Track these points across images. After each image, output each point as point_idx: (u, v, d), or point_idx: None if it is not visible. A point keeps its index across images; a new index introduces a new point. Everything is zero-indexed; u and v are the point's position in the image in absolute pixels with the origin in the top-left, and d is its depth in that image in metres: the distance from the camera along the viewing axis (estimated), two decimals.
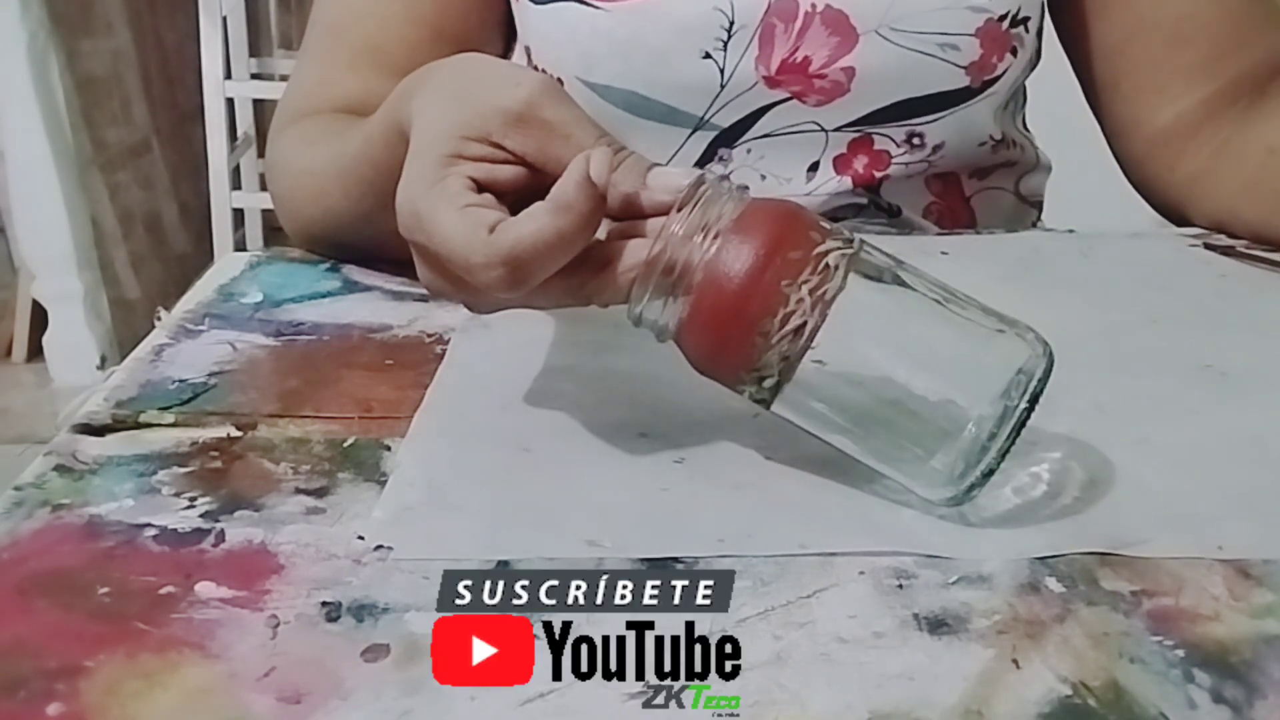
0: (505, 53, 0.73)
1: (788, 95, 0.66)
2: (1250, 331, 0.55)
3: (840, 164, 0.68)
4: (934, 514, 0.41)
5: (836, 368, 0.39)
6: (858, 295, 0.39)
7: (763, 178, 0.68)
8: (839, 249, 0.39)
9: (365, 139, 0.54)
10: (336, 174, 0.58)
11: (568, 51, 0.67)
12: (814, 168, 0.68)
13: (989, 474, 0.39)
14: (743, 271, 0.39)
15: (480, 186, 0.42)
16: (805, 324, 0.39)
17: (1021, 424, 0.39)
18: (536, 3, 0.67)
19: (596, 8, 0.65)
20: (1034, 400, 0.39)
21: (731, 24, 0.64)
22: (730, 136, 0.67)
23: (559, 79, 0.68)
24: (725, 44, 0.64)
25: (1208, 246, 0.64)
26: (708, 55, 0.64)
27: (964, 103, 0.66)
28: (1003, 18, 0.65)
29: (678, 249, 0.40)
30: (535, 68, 0.70)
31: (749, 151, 0.68)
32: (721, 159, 0.68)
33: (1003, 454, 0.39)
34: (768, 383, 0.40)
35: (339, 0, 0.69)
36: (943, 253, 0.63)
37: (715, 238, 0.39)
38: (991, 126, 0.69)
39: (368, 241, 0.60)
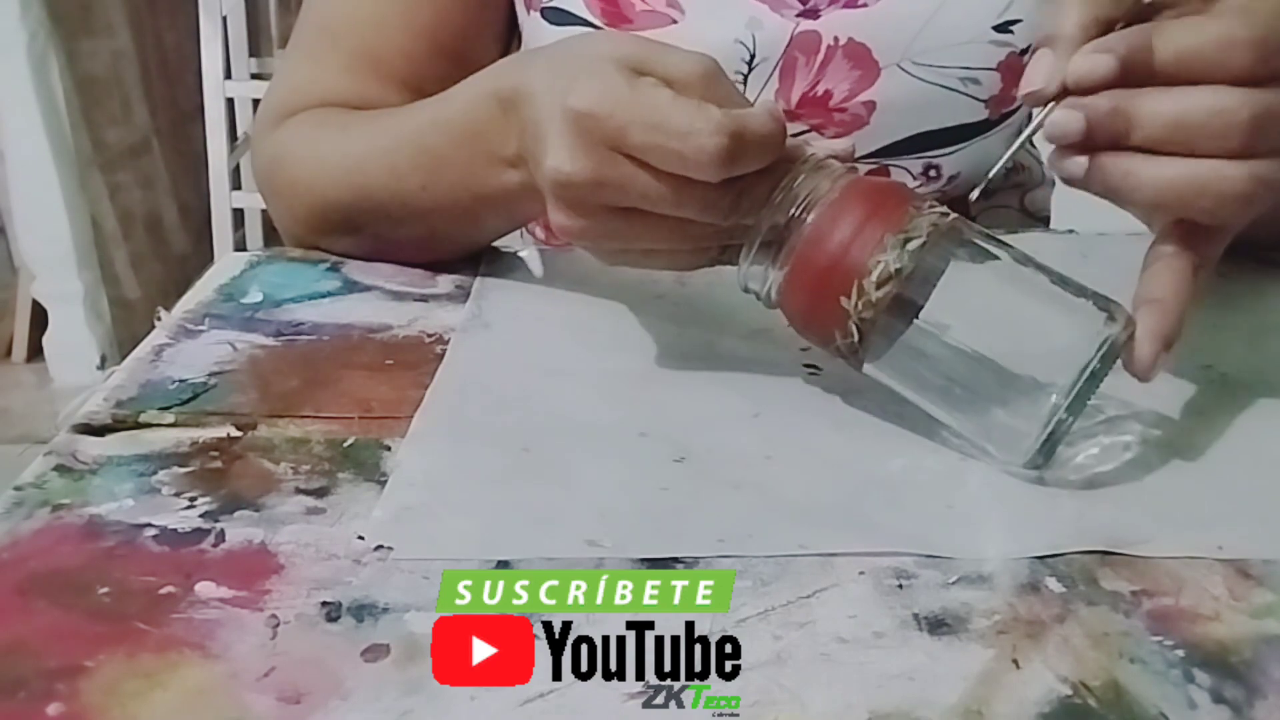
0: None
1: (806, 128, 0.66)
2: (1250, 333, 0.55)
3: None
4: (934, 514, 0.41)
5: (927, 330, 0.42)
6: (949, 264, 0.42)
7: None
8: (932, 218, 0.42)
9: (434, 117, 0.55)
10: (382, 152, 0.58)
11: None
12: None
13: (1063, 438, 0.41)
14: (836, 235, 0.42)
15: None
16: (892, 276, 0.41)
17: (1095, 388, 0.41)
18: (551, 22, 0.66)
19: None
20: (1108, 362, 0.41)
21: (753, 57, 0.64)
22: None
23: None
24: (746, 77, 0.64)
25: None
26: None
27: (981, 135, 0.66)
28: (1025, 50, 0.64)
29: (777, 218, 0.43)
30: None
31: None
32: None
33: (1076, 417, 0.41)
34: (860, 334, 0.42)
35: (333, 3, 0.68)
36: None
37: (811, 208, 0.43)
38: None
39: (395, 224, 0.59)
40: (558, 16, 0.66)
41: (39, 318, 2.19)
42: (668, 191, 0.43)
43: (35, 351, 2.21)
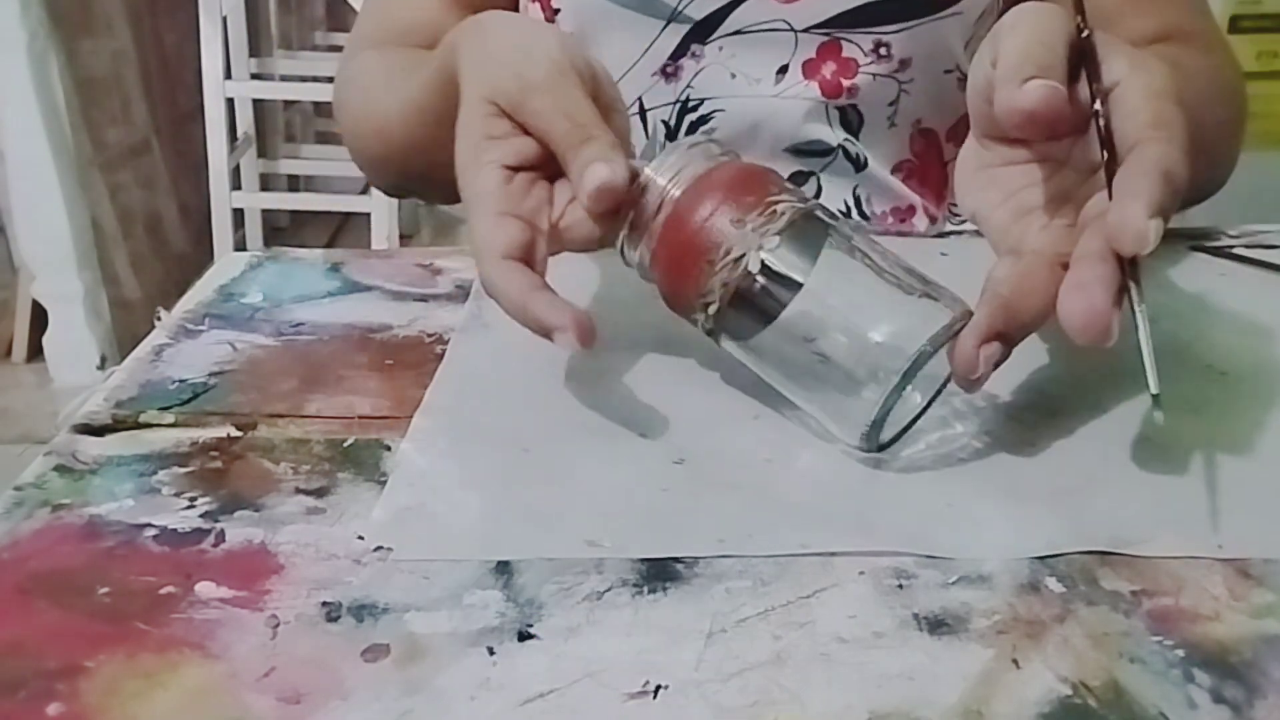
0: None
1: None
2: (1250, 331, 0.55)
3: (809, 69, 0.68)
4: (934, 514, 0.41)
5: (776, 312, 0.44)
6: (804, 248, 0.43)
7: (733, 76, 0.68)
8: (790, 202, 0.44)
9: (421, 85, 0.58)
10: (398, 113, 0.62)
11: None
12: (783, 70, 0.68)
13: (907, 422, 0.44)
14: (694, 214, 0.44)
15: (514, 168, 0.47)
16: (745, 255, 0.43)
17: (934, 383, 0.43)
18: None
19: None
20: (934, 348, 0.42)
21: None
22: (703, 31, 0.68)
23: None
24: None
25: (1195, 249, 0.64)
26: None
27: (932, 14, 0.67)
28: None
29: (649, 194, 0.45)
30: None
31: (720, 49, 0.68)
32: (694, 54, 0.68)
33: (921, 410, 0.44)
34: (712, 309, 0.45)
35: None
36: (942, 254, 0.63)
37: (679, 186, 0.45)
38: (960, 55, 0.69)
39: (424, 170, 0.63)
40: None
41: (39, 318, 2.19)
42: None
43: (35, 351, 2.21)
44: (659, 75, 0.69)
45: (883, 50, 0.68)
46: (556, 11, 0.70)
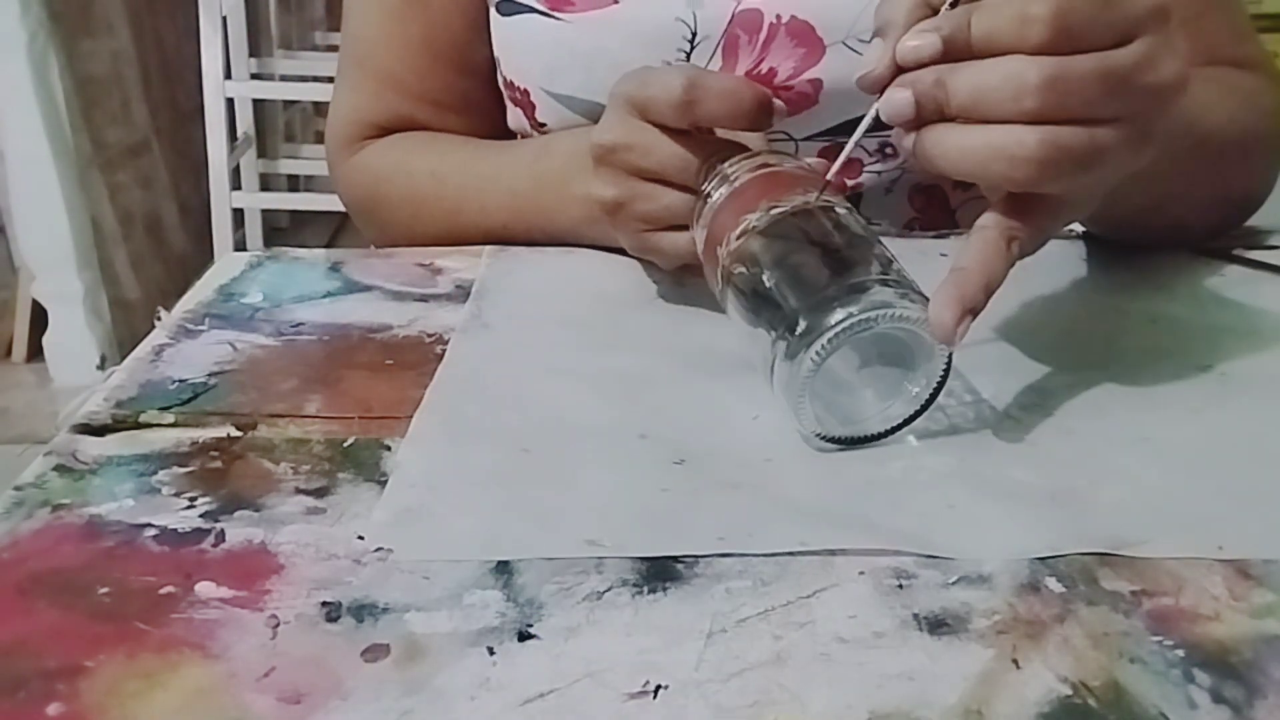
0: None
1: None
2: (1250, 331, 0.55)
3: None
4: (934, 514, 0.41)
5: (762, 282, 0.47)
6: (780, 236, 0.47)
7: None
8: (807, 197, 0.47)
9: (530, 168, 0.65)
10: (475, 191, 0.67)
11: (532, 62, 0.67)
12: None
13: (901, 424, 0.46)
14: (733, 203, 0.49)
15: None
16: (747, 232, 0.47)
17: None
18: (503, 14, 0.68)
19: (559, 19, 0.65)
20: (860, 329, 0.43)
21: (694, 35, 0.64)
22: None
23: (525, 89, 0.68)
24: (688, 55, 0.64)
25: (1197, 250, 0.64)
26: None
27: None
28: None
29: (711, 184, 0.51)
30: (504, 78, 0.71)
31: None
32: None
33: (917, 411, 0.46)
34: (721, 283, 0.49)
35: (358, 29, 0.74)
36: (941, 254, 0.63)
37: (736, 182, 0.50)
38: None
39: (471, 240, 0.67)
40: (508, 8, 0.68)
41: (39, 318, 2.19)
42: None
43: (35, 351, 2.22)
44: None
45: (888, 150, 0.67)
46: (542, 125, 0.70)
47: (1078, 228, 0.67)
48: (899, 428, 0.45)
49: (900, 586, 0.37)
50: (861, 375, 0.45)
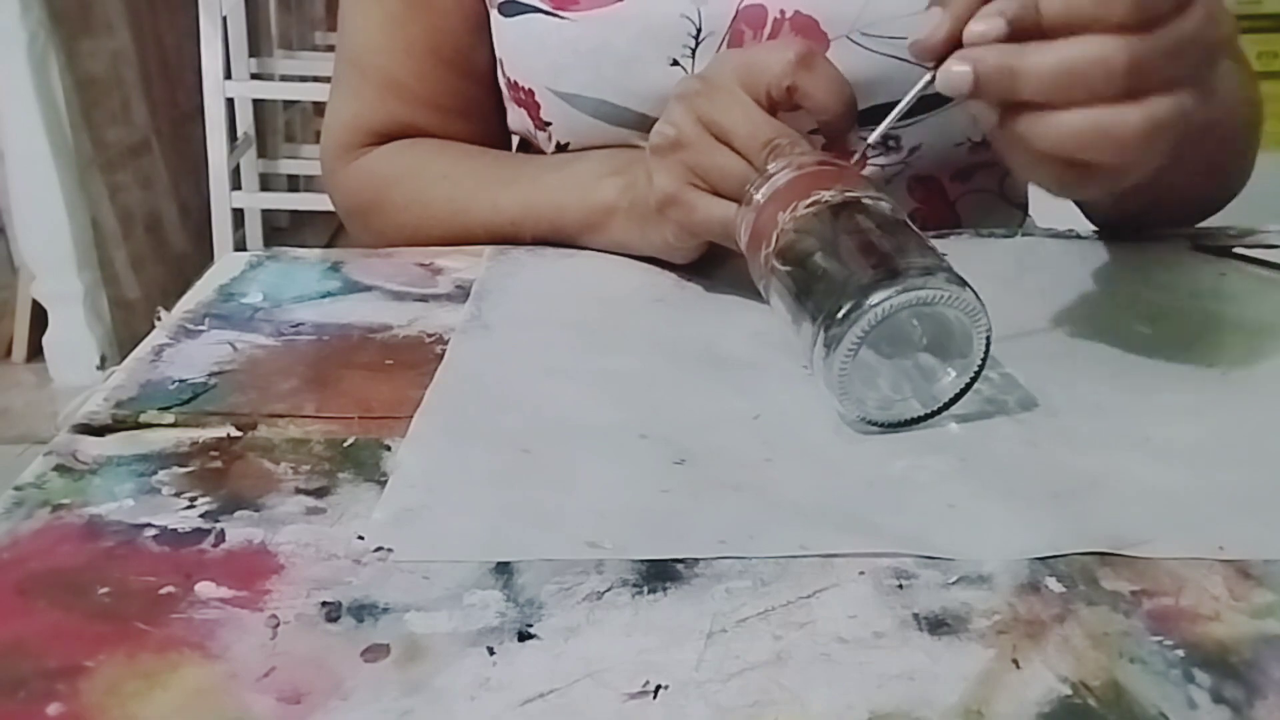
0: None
1: None
2: (1250, 331, 0.55)
3: None
4: (934, 515, 0.41)
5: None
6: (818, 231, 0.48)
7: None
8: (831, 197, 0.48)
9: (553, 173, 0.65)
10: (487, 192, 0.67)
11: (537, 62, 0.67)
12: None
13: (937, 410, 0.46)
14: (764, 209, 0.50)
15: None
16: (784, 229, 0.49)
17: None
18: (505, 15, 0.68)
19: (563, 17, 0.65)
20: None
21: (699, 31, 0.64)
22: None
23: (529, 90, 0.68)
24: (694, 51, 0.64)
25: (1197, 249, 0.64)
26: (675, 63, 0.64)
27: (940, 107, 0.65)
28: None
29: (753, 192, 0.52)
30: (508, 78, 0.71)
31: None
32: None
33: (955, 396, 0.46)
34: (765, 265, 0.50)
35: (357, 34, 0.75)
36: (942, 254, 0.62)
37: (769, 188, 0.51)
38: (970, 129, 0.68)
39: (474, 239, 0.67)
40: (511, 9, 0.68)
41: (39, 318, 2.20)
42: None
43: (35, 351, 2.22)
44: None
45: (892, 143, 0.67)
46: (547, 124, 0.70)
47: (1051, 211, 0.67)
48: (940, 411, 0.46)
49: (900, 586, 0.37)
50: (902, 360, 0.47)
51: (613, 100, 0.66)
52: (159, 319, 0.57)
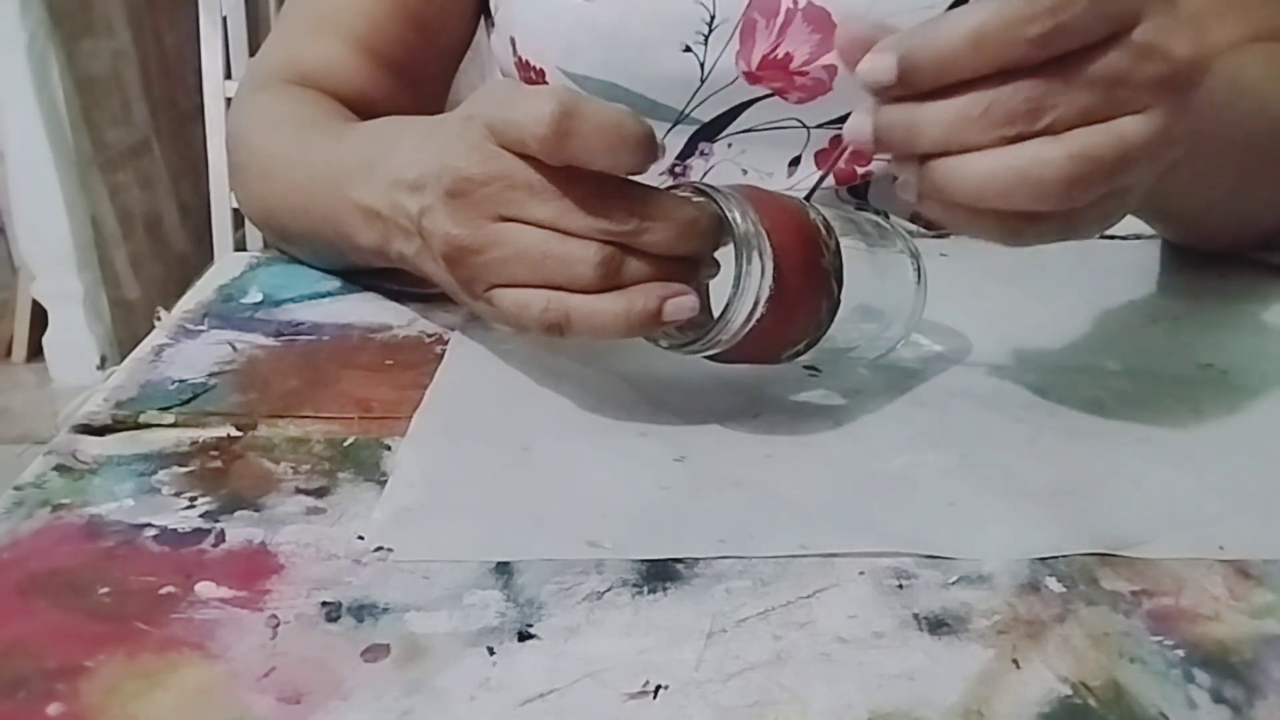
0: (469, 37, 0.75)
1: (769, 91, 0.66)
2: (1250, 331, 0.55)
3: (822, 159, 0.68)
4: (934, 514, 0.41)
5: None
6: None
7: (744, 172, 0.68)
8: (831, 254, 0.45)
9: (332, 154, 0.55)
10: (290, 164, 0.60)
11: (551, 40, 0.68)
12: (795, 162, 0.68)
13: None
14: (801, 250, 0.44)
15: None
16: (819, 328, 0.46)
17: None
18: None
19: None
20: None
21: (713, 18, 0.64)
22: (711, 131, 0.68)
23: (540, 69, 0.69)
24: (706, 38, 0.65)
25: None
26: (688, 49, 0.65)
27: None
28: None
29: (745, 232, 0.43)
30: (519, 57, 0.71)
31: (730, 146, 0.68)
32: (702, 153, 0.68)
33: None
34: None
35: None
36: (941, 254, 0.63)
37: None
38: None
39: (290, 230, 0.62)
40: None
41: (39, 318, 2.19)
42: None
43: (35, 351, 2.22)
44: (667, 175, 0.69)
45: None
46: None
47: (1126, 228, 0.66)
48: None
49: (900, 586, 0.37)
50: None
51: (623, 84, 0.66)
52: (159, 319, 0.57)
